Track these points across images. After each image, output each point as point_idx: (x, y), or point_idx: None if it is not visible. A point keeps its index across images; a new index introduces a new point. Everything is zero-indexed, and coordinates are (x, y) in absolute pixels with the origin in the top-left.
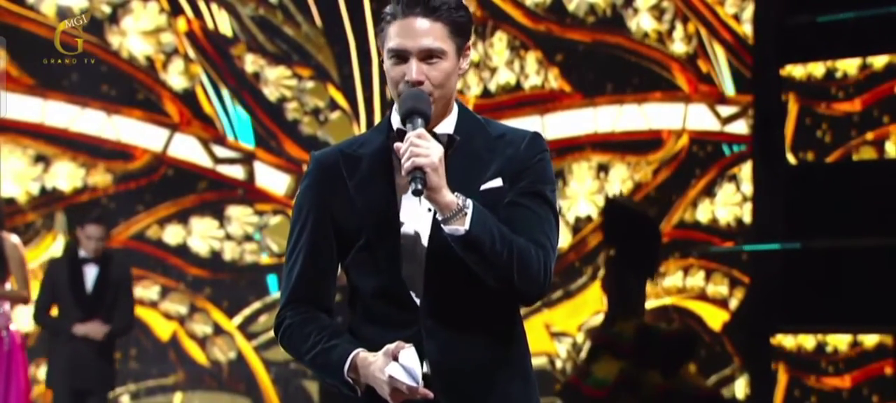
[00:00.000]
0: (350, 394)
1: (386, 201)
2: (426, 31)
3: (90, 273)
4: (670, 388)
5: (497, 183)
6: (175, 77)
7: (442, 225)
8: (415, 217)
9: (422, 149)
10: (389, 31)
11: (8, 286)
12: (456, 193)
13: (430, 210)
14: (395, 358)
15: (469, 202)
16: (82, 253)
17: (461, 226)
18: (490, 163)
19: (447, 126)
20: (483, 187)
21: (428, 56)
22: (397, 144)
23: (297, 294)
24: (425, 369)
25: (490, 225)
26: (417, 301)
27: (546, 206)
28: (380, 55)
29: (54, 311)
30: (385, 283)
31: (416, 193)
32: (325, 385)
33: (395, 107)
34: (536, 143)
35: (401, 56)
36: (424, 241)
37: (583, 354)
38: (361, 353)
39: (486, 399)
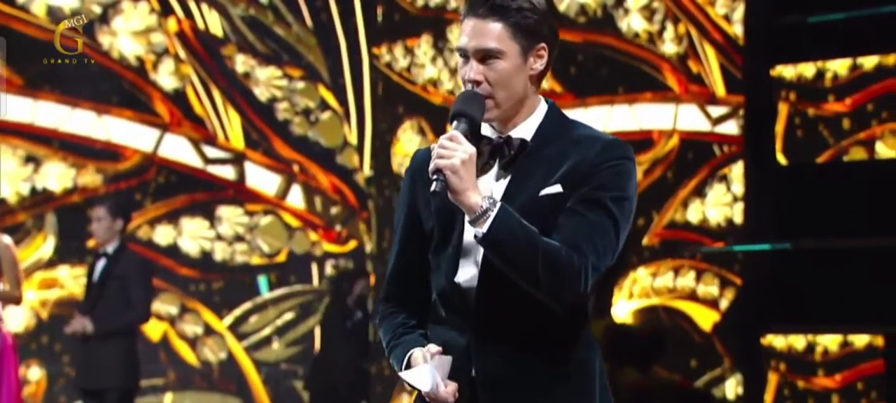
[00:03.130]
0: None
1: (453, 204)
2: (483, 32)
3: (99, 265)
4: (647, 384)
5: (556, 189)
6: (165, 77)
7: (471, 226)
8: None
9: (446, 151)
10: (460, 30)
11: (0, 286)
12: (486, 197)
13: None
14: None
15: (497, 204)
16: (98, 243)
17: (481, 228)
18: (558, 169)
19: (526, 128)
20: (542, 193)
21: (485, 56)
22: (433, 146)
23: (388, 291)
24: (473, 373)
25: (513, 227)
26: (471, 305)
27: (600, 213)
28: None
29: None
30: (444, 286)
31: (433, 194)
32: (316, 385)
33: None
34: (610, 150)
35: (464, 55)
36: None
37: None
38: (415, 353)
39: None
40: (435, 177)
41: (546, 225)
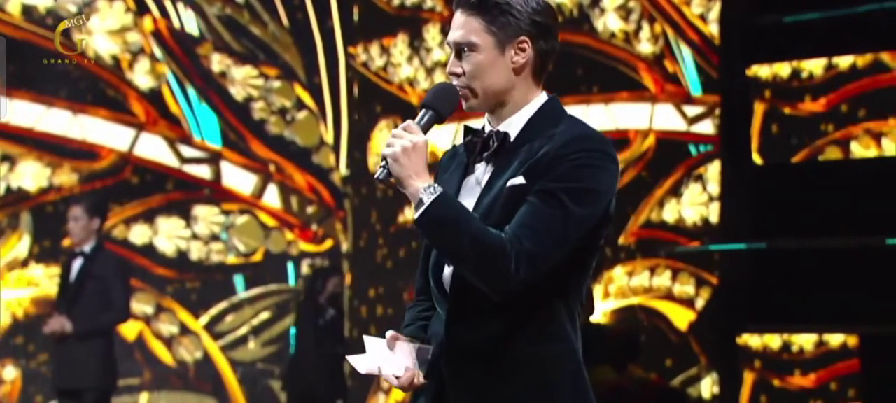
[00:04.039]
0: None
1: None
2: (460, 25)
3: (76, 265)
4: (622, 384)
5: (519, 180)
6: (141, 76)
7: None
8: None
9: (393, 139)
10: None
11: None
12: (429, 186)
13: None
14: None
15: (436, 192)
16: (75, 243)
17: (416, 214)
18: (529, 161)
19: (516, 122)
20: (509, 184)
21: (461, 49)
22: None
23: (417, 283)
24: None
25: (445, 214)
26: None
27: (551, 204)
28: None
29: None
30: (432, 278)
31: (378, 179)
32: (292, 385)
33: None
34: (575, 143)
35: (450, 48)
36: None
37: None
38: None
39: (488, 395)
40: (382, 163)
41: (511, 216)
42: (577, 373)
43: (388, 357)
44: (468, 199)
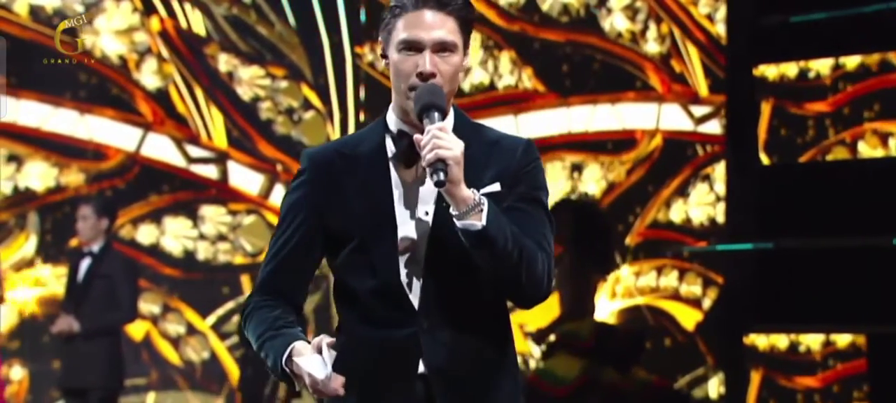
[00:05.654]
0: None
1: (383, 203)
2: (440, 24)
3: (84, 264)
4: (627, 385)
5: (495, 188)
6: (148, 76)
7: (456, 221)
8: (410, 219)
9: (444, 141)
10: (398, 23)
11: None
12: (472, 189)
13: (427, 213)
14: (321, 352)
15: (484, 198)
16: (83, 242)
17: (478, 222)
18: (487, 169)
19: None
20: (482, 191)
21: (441, 49)
22: (417, 137)
23: (267, 285)
24: (421, 369)
25: (503, 223)
26: (414, 301)
27: (543, 212)
28: (383, 50)
29: None
30: (381, 284)
31: (439, 185)
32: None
33: (392, 105)
34: (531, 151)
35: (414, 47)
36: (422, 243)
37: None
38: (298, 345)
39: (480, 400)
40: (434, 167)
41: None
42: (520, 374)
43: (315, 361)
44: (420, 205)
